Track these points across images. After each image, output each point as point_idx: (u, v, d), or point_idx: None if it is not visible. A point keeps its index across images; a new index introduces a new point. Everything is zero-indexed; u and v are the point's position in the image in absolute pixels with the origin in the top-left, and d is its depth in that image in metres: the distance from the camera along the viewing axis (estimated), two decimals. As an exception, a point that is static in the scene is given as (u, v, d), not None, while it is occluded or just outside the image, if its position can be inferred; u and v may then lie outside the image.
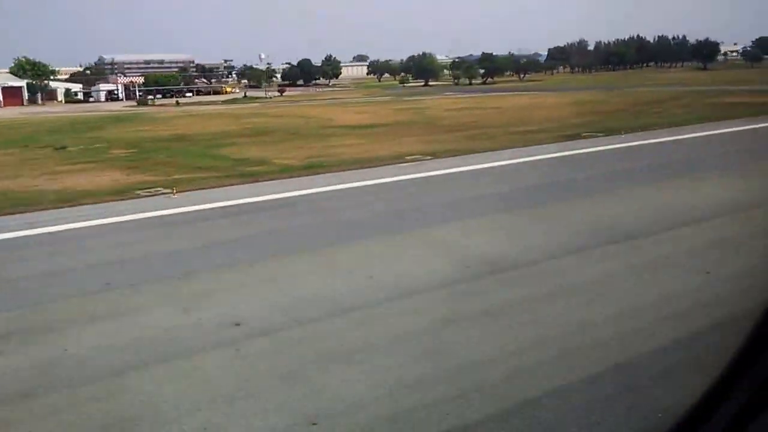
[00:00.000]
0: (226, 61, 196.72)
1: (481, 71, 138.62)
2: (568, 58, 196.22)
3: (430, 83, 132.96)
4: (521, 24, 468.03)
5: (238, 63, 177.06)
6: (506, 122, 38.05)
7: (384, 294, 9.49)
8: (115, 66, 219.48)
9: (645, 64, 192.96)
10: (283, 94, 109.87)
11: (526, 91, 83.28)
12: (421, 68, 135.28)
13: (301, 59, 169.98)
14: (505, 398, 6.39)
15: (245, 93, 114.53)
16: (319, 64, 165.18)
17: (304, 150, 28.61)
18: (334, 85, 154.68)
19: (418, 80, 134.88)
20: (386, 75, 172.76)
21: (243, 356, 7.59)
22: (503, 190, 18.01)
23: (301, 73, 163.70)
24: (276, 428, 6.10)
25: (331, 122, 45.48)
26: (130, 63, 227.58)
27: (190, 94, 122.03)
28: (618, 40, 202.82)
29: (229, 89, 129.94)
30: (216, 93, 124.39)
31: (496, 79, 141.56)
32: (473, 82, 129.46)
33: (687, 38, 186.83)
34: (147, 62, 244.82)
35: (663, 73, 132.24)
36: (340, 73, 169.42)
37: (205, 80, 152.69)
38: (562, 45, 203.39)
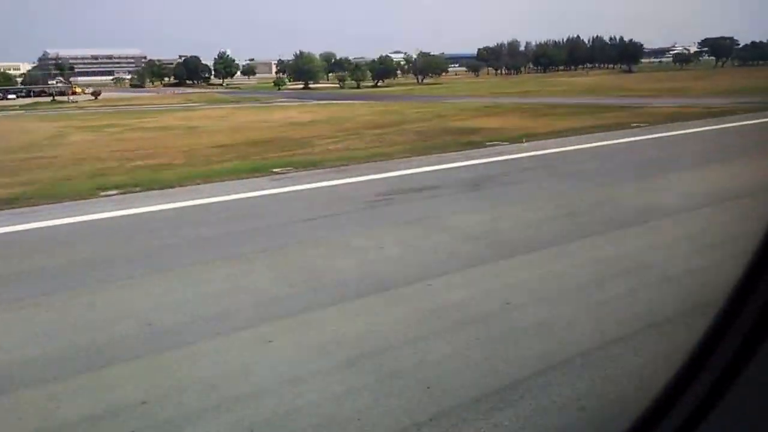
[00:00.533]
0: (181, 56, 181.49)
1: (377, 73, 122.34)
2: (497, 58, 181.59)
3: (311, 85, 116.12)
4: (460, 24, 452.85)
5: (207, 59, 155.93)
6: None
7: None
8: (60, 61, 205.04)
9: (582, 66, 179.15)
10: (98, 97, 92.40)
11: (354, 100, 67.24)
12: (298, 69, 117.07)
13: (188, 56, 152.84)
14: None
15: (94, 93, 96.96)
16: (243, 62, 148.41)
17: None
18: (226, 85, 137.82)
19: (298, 81, 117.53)
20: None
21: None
22: None
23: (187, 72, 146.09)
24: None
25: None
26: (76, 58, 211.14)
27: (13, 96, 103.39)
28: (552, 41, 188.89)
29: (78, 90, 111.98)
30: (61, 94, 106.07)
31: (396, 81, 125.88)
32: (362, 84, 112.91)
33: (624, 40, 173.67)
34: (95, 57, 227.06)
35: (575, 77, 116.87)
36: (235, 72, 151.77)
37: (62, 79, 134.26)
38: (492, 45, 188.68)
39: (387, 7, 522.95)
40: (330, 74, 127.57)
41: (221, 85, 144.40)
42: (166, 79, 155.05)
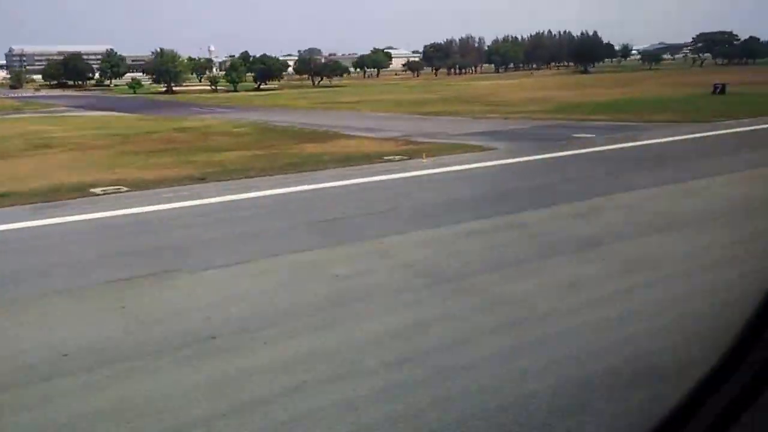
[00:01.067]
0: (153, 52, 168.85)
1: (258, 74, 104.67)
2: (447, 56, 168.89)
3: (174, 88, 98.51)
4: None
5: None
6: None
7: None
8: (24, 58, 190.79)
9: (545, 65, 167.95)
10: None
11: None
12: (158, 69, 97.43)
13: (69, 54, 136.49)
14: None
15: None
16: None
17: None
18: (113, 86, 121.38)
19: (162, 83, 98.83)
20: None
21: None
22: None
23: (66, 71, 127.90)
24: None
25: None
26: (42, 55, 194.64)
27: None
28: (512, 37, 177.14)
29: None
30: None
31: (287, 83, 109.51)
32: (239, 88, 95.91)
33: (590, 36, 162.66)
34: (61, 54, 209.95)
35: (501, 79, 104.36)
36: (125, 72, 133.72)
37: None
38: (440, 42, 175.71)
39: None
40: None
41: (107, 86, 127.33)
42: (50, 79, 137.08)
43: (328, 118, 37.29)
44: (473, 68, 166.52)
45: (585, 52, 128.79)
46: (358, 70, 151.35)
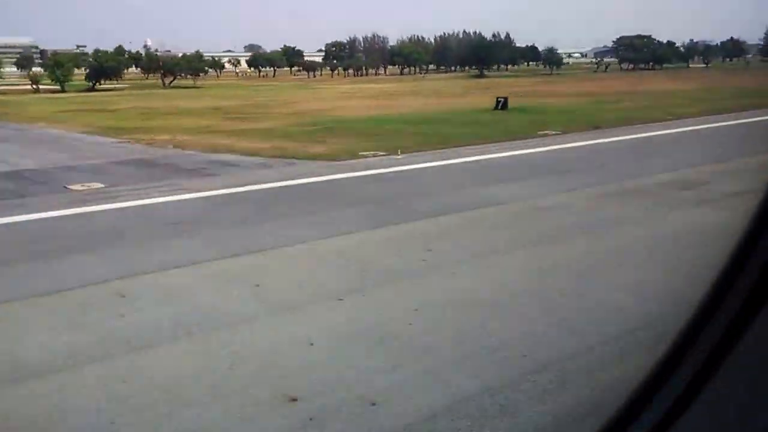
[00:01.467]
0: (78, 46, 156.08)
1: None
2: (351, 55, 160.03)
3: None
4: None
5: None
6: None
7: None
8: None
9: (451, 67, 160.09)
10: None
11: None
12: None
13: None
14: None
15: None
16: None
17: None
18: None
19: None
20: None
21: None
22: None
23: None
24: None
25: None
26: None
27: None
28: (418, 37, 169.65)
29: None
30: None
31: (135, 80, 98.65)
32: (68, 87, 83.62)
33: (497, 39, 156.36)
34: None
35: (337, 84, 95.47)
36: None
37: None
38: (343, 41, 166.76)
39: None
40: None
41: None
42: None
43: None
44: (375, 69, 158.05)
45: (481, 55, 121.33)
46: (252, 69, 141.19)
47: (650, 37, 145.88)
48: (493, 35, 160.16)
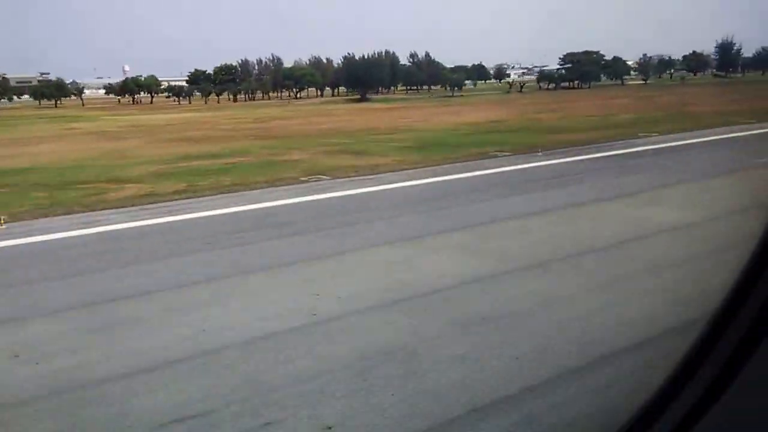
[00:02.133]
0: (42, 74, 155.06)
1: None
2: (243, 79, 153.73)
3: None
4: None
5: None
6: None
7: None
8: None
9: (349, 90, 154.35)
10: None
11: None
12: None
13: None
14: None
15: None
16: None
17: None
18: None
19: None
20: None
21: None
22: None
23: None
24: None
25: None
26: None
27: None
28: (314, 58, 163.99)
29: None
30: None
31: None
32: None
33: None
34: None
35: (152, 112, 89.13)
36: None
37: None
38: (233, 63, 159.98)
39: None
40: None
41: None
42: None
43: None
44: (265, 93, 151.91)
45: (362, 77, 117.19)
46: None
47: (599, 53, 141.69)
48: (410, 56, 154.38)
